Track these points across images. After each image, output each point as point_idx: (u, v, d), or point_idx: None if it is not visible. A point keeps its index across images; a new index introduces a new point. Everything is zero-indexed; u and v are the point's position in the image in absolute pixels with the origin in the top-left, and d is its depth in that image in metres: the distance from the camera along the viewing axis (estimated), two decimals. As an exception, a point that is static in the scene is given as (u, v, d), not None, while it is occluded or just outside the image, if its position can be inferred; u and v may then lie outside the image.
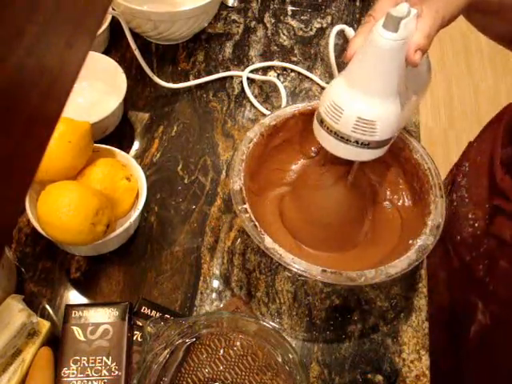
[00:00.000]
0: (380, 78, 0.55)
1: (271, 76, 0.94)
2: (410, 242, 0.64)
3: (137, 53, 0.86)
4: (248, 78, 0.92)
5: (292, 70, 0.94)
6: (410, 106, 0.62)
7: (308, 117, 0.74)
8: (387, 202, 0.74)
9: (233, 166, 0.68)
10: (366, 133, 0.57)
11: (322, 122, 0.59)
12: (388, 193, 0.73)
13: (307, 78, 0.94)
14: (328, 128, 0.58)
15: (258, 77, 0.92)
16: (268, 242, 0.62)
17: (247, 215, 0.64)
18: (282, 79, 0.93)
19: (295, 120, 0.74)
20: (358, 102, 0.56)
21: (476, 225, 0.71)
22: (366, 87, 0.55)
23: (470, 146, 0.84)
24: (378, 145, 0.59)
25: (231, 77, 0.93)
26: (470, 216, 0.73)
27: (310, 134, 0.75)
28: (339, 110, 0.56)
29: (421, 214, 0.67)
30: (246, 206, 0.65)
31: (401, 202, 0.72)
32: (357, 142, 0.57)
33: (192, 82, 0.91)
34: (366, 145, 0.58)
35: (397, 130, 0.59)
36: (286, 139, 0.75)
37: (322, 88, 0.92)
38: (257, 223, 0.63)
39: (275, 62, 0.95)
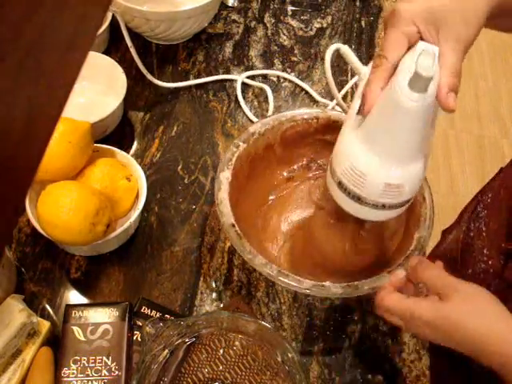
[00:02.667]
0: (408, 142, 0.49)
1: (271, 76, 0.94)
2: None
3: (132, 50, 0.85)
4: (245, 82, 0.92)
5: (292, 71, 0.94)
6: None
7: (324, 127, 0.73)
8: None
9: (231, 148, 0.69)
10: (394, 197, 0.52)
11: (340, 184, 0.53)
12: None
13: (307, 77, 0.94)
14: (349, 193, 0.53)
15: (251, 82, 0.92)
16: (229, 222, 0.62)
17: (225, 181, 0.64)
18: (282, 79, 0.93)
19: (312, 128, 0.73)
20: (383, 167, 0.50)
21: (490, 262, 0.68)
22: (392, 151, 0.50)
23: (498, 173, 0.78)
24: (404, 204, 0.54)
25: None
26: (484, 252, 0.70)
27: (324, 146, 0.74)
28: (362, 177, 0.51)
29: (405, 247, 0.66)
30: (229, 174, 0.64)
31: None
32: (384, 206, 0.53)
33: (186, 83, 0.91)
34: (393, 207, 0.53)
35: (421, 184, 0.55)
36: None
37: (315, 101, 0.92)
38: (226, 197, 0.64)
39: (270, 71, 0.94)
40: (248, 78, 0.92)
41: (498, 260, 0.68)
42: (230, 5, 1.03)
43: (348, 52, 0.58)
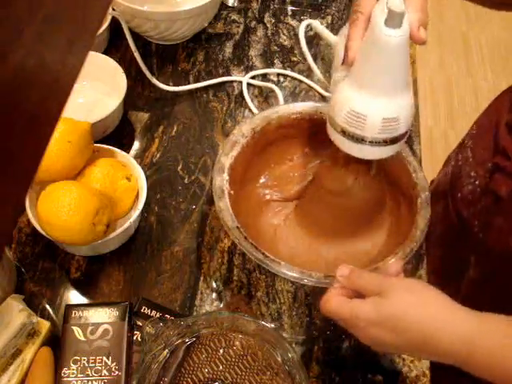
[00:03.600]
0: (393, 76, 0.55)
1: (271, 76, 0.94)
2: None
3: (137, 55, 0.85)
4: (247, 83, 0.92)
5: (292, 70, 0.94)
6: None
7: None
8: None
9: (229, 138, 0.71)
10: (392, 130, 0.57)
11: (343, 131, 0.58)
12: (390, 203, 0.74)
13: (307, 77, 0.93)
14: (353, 137, 0.58)
15: (257, 82, 0.92)
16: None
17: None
18: (282, 79, 0.93)
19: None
20: (378, 104, 0.56)
21: (476, 182, 0.73)
22: (381, 87, 0.55)
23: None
24: (401, 137, 0.59)
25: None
26: (472, 174, 0.74)
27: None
28: (362, 117, 0.56)
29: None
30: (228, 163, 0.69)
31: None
32: (385, 141, 0.58)
33: (192, 86, 0.91)
34: (393, 141, 0.58)
35: (413, 117, 0.60)
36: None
37: (321, 96, 0.92)
38: (227, 178, 0.67)
39: (275, 69, 0.94)
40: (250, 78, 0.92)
41: (484, 179, 0.72)
42: (230, 5, 1.03)
43: (318, 26, 0.67)
